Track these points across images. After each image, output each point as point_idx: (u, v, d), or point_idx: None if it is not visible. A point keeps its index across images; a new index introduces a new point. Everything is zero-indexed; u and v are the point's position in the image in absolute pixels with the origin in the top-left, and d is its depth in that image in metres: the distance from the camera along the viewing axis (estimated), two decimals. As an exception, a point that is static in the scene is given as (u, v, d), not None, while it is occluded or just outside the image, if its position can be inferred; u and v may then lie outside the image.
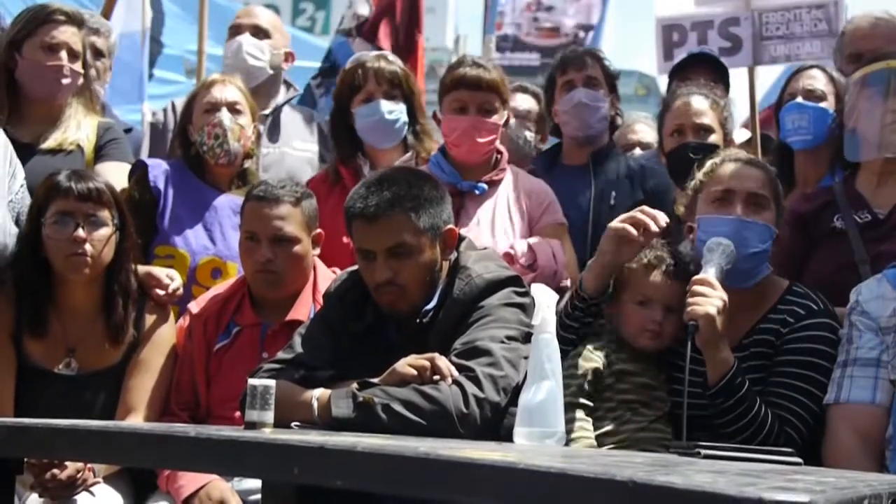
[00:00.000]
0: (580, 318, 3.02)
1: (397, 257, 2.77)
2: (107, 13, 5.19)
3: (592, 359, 2.95)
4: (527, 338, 2.70)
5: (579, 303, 3.01)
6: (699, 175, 3.09)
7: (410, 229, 2.77)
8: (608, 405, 2.93)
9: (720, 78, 4.37)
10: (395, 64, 4.01)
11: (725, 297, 2.75)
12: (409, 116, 3.98)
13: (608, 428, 2.90)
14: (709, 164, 3.08)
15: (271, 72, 4.66)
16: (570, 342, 2.98)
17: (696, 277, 2.80)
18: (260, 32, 4.68)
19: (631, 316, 2.99)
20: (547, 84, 4.39)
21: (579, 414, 2.88)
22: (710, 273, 2.80)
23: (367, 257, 2.81)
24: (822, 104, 3.89)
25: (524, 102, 4.76)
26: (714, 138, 3.75)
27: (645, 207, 3.00)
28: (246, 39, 4.63)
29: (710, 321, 2.71)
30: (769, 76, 5.86)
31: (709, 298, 2.73)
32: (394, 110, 3.92)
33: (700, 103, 3.79)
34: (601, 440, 2.88)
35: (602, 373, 2.94)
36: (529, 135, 4.66)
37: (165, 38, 7.72)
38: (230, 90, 3.83)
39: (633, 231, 2.93)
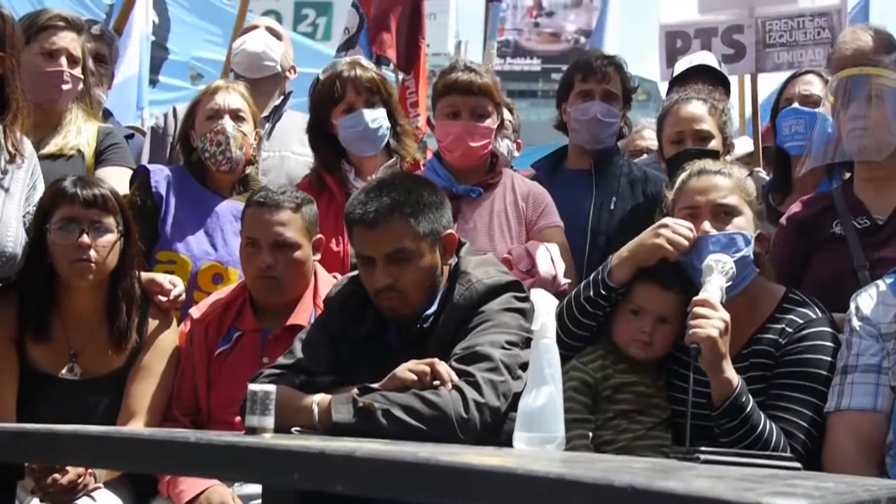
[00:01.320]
0: (602, 306, 2.98)
1: (397, 263, 2.77)
2: (119, 27, 5.22)
3: (583, 370, 2.95)
4: (527, 343, 2.71)
5: (605, 291, 2.97)
6: (669, 194, 3.06)
7: (410, 235, 2.77)
8: (605, 416, 2.92)
9: (719, 83, 4.37)
10: (370, 70, 3.96)
11: (727, 317, 2.68)
12: (388, 120, 3.93)
13: (605, 438, 2.90)
14: (677, 181, 3.05)
15: (279, 69, 4.74)
16: (584, 339, 2.98)
17: (696, 298, 2.73)
18: (274, 34, 4.87)
19: (623, 324, 2.98)
20: (563, 84, 4.27)
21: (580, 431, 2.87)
22: (710, 293, 2.72)
23: (367, 263, 2.82)
24: (819, 109, 3.88)
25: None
26: (713, 144, 3.76)
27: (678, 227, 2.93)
28: (262, 32, 4.83)
29: (713, 344, 2.64)
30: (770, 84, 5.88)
31: (710, 320, 2.66)
32: (376, 118, 3.87)
33: (698, 109, 3.79)
34: (598, 450, 2.86)
35: (595, 385, 2.93)
36: (509, 144, 4.61)
37: (171, 45, 7.74)
38: (233, 97, 3.84)
39: (672, 250, 2.90)
